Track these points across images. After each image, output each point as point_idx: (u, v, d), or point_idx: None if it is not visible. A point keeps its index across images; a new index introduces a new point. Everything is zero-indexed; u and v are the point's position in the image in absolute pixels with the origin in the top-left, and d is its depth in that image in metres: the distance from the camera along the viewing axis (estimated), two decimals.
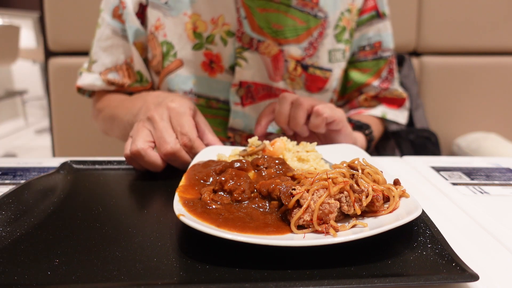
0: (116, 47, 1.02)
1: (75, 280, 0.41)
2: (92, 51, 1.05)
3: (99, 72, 1.03)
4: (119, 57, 1.03)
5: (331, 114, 0.80)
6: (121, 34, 1.02)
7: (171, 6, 0.97)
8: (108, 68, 1.03)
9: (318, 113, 0.80)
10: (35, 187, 0.64)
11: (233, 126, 1.04)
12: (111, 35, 1.02)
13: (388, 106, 1.15)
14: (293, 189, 0.49)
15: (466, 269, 0.40)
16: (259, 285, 0.38)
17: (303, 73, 1.02)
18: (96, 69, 1.04)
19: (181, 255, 0.45)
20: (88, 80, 1.04)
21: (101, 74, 1.03)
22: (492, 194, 0.68)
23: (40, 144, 4.13)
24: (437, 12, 1.56)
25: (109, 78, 1.03)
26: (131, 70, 1.03)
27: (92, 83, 1.03)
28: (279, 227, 0.47)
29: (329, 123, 0.82)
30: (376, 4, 1.09)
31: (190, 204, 0.51)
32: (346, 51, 1.07)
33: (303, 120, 0.81)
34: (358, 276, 0.40)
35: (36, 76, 5.45)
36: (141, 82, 1.04)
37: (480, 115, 1.64)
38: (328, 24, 1.02)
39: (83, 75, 1.06)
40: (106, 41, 1.03)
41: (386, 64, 1.12)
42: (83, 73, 1.06)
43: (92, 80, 1.03)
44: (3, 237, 0.49)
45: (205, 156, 0.70)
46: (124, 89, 1.04)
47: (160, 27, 0.99)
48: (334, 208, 0.48)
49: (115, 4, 1.01)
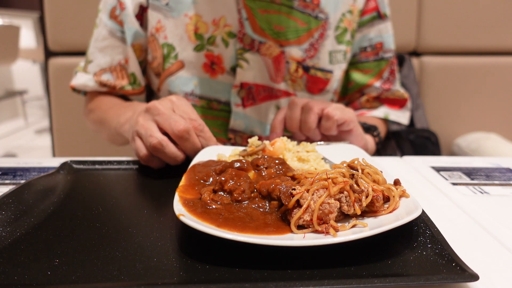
0: (111, 48, 1.02)
1: (75, 280, 0.41)
2: (88, 50, 1.06)
3: (94, 73, 1.04)
4: (114, 58, 1.03)
5: (341, 116, 0.81)
6: (117, 35, 1.02)
7: (172, 7, 0.97)
8: (103, 69, 1.03)
9: (328, 116, 0.81)
10: (35, 187, 0.64)
11: (234, 128, 1.04)
12: (108, 36, 1.02)
13: (390, 107, 1.15)
14: (293, 189, 0.49)
15: (466, 269, 0.40)
16: (259, 285, 0.38)
17: (304, 74, 1.02)
18: (91, 69, 1.04)
19: (181, 255, 0.45)
20: (82, 80, 1.04)
21: (95, 75, 1.03)
22: (492, 194, 0.68)
23: (40, 144, 4.13)
24: (437, 12, 1.56)
25: (101, 79, 1.03)
26: (125, 71, 1.03)
27: (85, 83, 1.04)
28: (279, 227, 0.47)
29: (340, 124, 0.82)
30: (377, 5, 1.09)
31: (190, 204, 0.51)
32: (347, 52, 1.07)
33: (315, 124, 0.82)
34: (358, 276, 0.40)
35: (36, 76, 5.45)
36: (133, 84, 1.04)
37: (480, 115, 1.63)
38: (329, 25, 1.02)
39: (77, 75, 1.06)
40: (102, 41, 1.03)
41: (388, 65, 1.12)
42: (78, 73, 1.07)
43: (85, 80, 1.04)
44: (3, 237, 0.49)
45: (205, 156, 0.70)
46: (116, 91, 1.04)
47: (161, 29, 0.99)
48: (334, 208, 0.48)
49: (113, 5, 1.01)
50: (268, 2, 0.96)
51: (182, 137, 0.69)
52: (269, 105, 1.03)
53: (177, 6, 0.97)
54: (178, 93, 1.01)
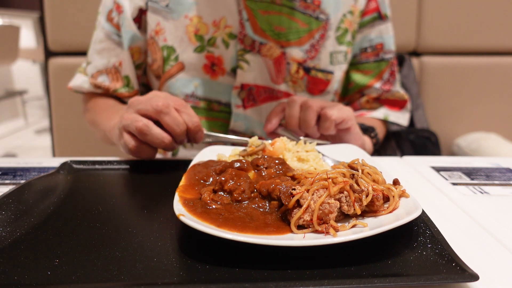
0: (107, 50, 1.04)
1: (75, 280, 0.41)
2: (89, 52, 1.07)
3: (91, 74, 1.06)
4: (110, 61, 1.04)
5: (338, 115, 0.82)
6: (113, 38, 1.03)
7: (172, 9, 0.97)
8: (100, 71, 1.05)
9: (326, 116, 0.81)
10: (35, 187, 0.64)
11: (234, 129, 1.04)
12: (104, 39, 1.03)
13: (390, 108, 1.15)
14: (293, 189, 0.49)
15: (466, 269, 0.40)
16: (259, 285, 0.38)
17: (305, 75, 1.02)
18: (89, 71, 1.06)
19: (181, 255, 0.45)
20: (78, 82, 1.06)
21: (92, 77, 1.05)
22: (492, 194, 0.68)
23: (40, 144, 4.13)
24: (437, 12, 1.56)
25: (96, 82, 1.04)
26: (119, 74, 1.04)
27: (81, 85, 1.06)
28: (279, 227, 0.47)
29: (338, 123, 0.83)
30: (378, 6, 1.09)
31: (190, 204, 0.51)
32: (348, 53, 1.07)
33: (314, 121, 0.83)
34: (358, 276, 0.40)
35: (36, 76, 5.45)
36: (127, 87, 1.05)
37: (480, 115, 1.63)
38: (330, 26, 1.02)
39: (76, 76, 1.08)
40: (100, 43, 1.04)
41: (388, 66, 1.12)
42: (77, 74, 1.08)
43: (81, 82, 1.06)
44: (3, 237, 0.49)
45: (205, 156, 0.70)
46: (110, 93, 1.05)
47: (160, 32, 0.99)
48: (334, 208, 0.48)
49: (110, 8, 1.02)
50: (269, 3, 0.96)
51: (161, 111, 0.70)
52: (269, 106, 1.03)
53: (177, 8, 0.97)
54: (179, 95, 1.01)
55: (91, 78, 1.05)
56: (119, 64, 1.04)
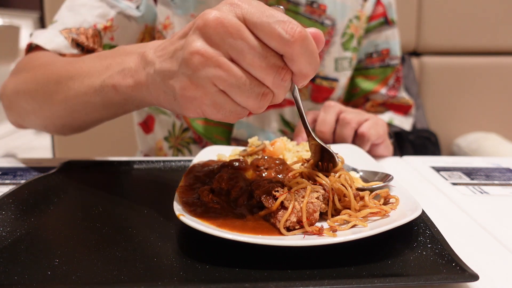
0: (89, 8, 0.81)
1: (75, 280, 0.40)
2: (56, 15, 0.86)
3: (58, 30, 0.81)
4: (86, 19, 0.81)
5: (376, 134, 0.82)
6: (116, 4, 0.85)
7: (177, 4, 0.93)
8: (68, 29, 0.81)
9: (364, 136, 0.81)
10: (35, 187, 0.64)
11: (237, 137, 1.02)
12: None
13: (395, 113, 1.15)
14: (276, 190, 0.49)
15: (466, 269, 0.40)
16: (259, 285, 0.38)
17: (310, 84, 1.00)
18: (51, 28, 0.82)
19: (181, 255, 0.45)
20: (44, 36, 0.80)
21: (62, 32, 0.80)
22: (492, 194, 0.68)
23: (40, 144, 4.13)
24: (437, 12, 1.56)
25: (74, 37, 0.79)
26: (98, 39, 0.82)
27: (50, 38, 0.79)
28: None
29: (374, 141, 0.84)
30: (385, 11, 1.07)
31: (190, 204, 0.51)
32: (353, 59, 1.05)
33: (351, 139, 0.82)
34: (358, 276, 0.40)
35: None
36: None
37: (480, 115, 1.63)
38: (336, 32, 1.00)
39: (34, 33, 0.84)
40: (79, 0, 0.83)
41: (394, 72, 1.11)
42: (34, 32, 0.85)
43: (50, 36, 0.79)
44: (3, 237, 0.49)
45: (205, 156, 0.70)
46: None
47: (169, 26, 0.94)
48: (317, 207, 0.48)
49: None
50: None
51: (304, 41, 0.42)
52: (272, 114, 1.01)
53: (183, 4, 0.93)
54: None
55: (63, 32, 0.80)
56: (104, 29, 0.83)
